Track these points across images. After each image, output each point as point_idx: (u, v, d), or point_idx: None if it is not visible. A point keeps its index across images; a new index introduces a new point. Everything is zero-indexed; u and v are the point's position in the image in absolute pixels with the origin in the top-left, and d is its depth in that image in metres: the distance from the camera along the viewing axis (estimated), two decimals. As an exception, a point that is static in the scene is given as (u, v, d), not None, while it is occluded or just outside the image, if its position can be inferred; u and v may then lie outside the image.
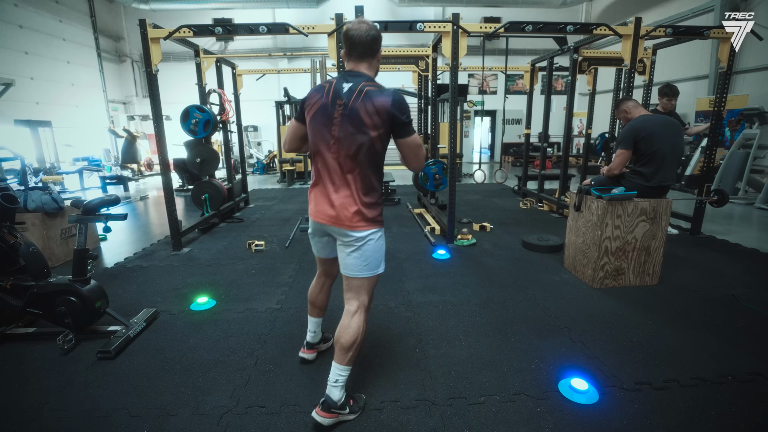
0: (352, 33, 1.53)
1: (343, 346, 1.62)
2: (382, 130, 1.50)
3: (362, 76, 1.54)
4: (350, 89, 1.49)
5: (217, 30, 3.71)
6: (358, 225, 1.58)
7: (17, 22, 9.27)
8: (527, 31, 3.74)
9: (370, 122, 1.47)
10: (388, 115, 1.47)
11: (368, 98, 1.47)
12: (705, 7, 8.24)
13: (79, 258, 2.28)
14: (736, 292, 2.86)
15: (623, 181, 3.03)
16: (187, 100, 5.05)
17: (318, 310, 2.01)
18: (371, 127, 1.48)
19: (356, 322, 1.64)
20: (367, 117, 1.47)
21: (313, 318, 2.03)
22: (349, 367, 1.65)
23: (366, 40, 1.53)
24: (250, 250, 4.04)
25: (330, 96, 1.52)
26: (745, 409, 1.71)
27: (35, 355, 2.18)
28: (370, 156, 1.53)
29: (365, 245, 1.62)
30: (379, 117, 1.47)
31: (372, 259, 1.65)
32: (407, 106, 1.54)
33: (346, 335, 1.62)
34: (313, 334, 2.06)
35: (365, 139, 1.49)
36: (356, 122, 1.48)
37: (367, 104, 1.46)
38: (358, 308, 1.66)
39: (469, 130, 13.07)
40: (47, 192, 3.59)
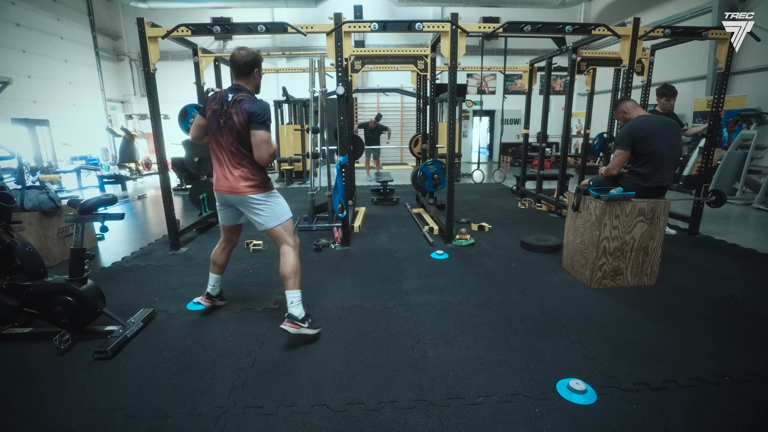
0: (234, 57, 2.15)
1: (286, 276, 2.24)
2: (244, 125, 2.11)
3: (241, 89, 2.16)
4: (232, 98, 2.12)
5: (216, 29, 3.70)
6: (250, 191, 2.20)
7: (14, 20, 9.23)
8: (526, 32, 3.74)
9: (238, 121, 2.10)
10: (247, 115, 2.09)
11: (238, 104, 2.10)
12: (703, 7, 8.26)
13: (76, 257, 2.27)
14: (734, 293, 2.87)
15: (621, 181, 3.03)
16: (186, 99, 5.03)
17: (218, 268, 2.58)
18: (239, 125, 2.11)
19: (290, 257, 2.26)
20: (236, 116, 2.10)
21: (214, 275, 2.60)
22: (298, 291, 2.25)
23: (241, 64, 2.15)
24: (248, 249, 4.03)
25: (220, 102, 2.16)
26: (742, 409, 1.71)
27: (31, 355, 2.17)
28: (242, 142, 2.15)
29: (262, 205, 2.23)
30: (243, 117, 2.10)
31: (276, 210, 2.26)
32: (266, 110, 2.12)
33: (286, 268, 2.25)
34: (213, 287, 2.62)
35: (238, 131, 2.12)
36: (231, 121, 2.11)
37: (237, 108, 2.10)
38: (288, 249, 2.28)
39: (467, 130, 13.07)
40: (44, 191, 3.57)
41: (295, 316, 2.21)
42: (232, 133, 2.13)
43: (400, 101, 13.06)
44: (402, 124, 13.28)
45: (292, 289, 2.24)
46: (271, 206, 2.25)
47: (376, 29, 3.64)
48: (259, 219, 2.26)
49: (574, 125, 11.97)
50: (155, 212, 6.06)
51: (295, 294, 2.25)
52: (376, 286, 3.10)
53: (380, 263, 3.61)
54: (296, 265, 2.26)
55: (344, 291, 2.99)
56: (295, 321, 2.19)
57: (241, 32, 3.69)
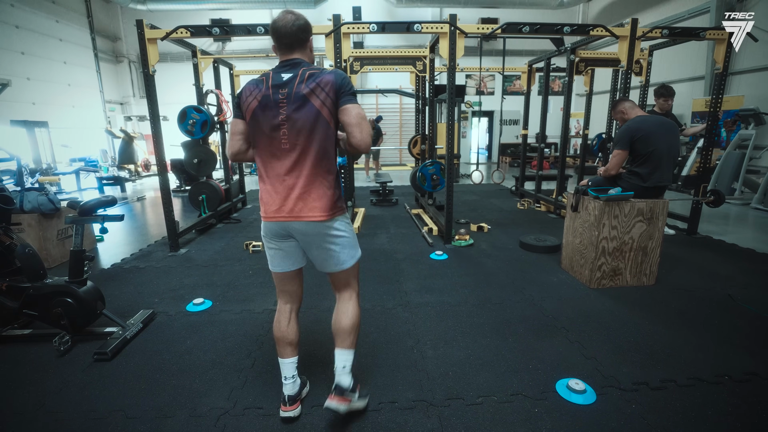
0: (278, 24, 1.49)
1: (344, 330, 1.62)
2: (330, 105, 1.44)
3: (301, 62, 1.50)
4: (291, 77, 1.45)
5: (215, 30, 3.70)
6: (328, 215, 1.50)
7: (14, 23, 9.23)
8: (524, 32, 3.75)
9: (317, 101, 1.43)
10: (334, 89, 1.44)
11: (311, 79, 1.43)
12: (701, 8, 8.29)
13: (75, 259, 2.27)
14: (733, 292, 2.88)
15: (620, 181, 3.04)
16: (185, 101, 5.04)
17: (292, 348, 1.68)
18: (319, 105, 1.43)
19: (353, 307, 1.66)
20: (314, 96, 1.42)
21: (288, 360, 1.68)
22: (354, 351, 1.65)
23: (294, 29, 1.48)
24: (247, 250, 4.03)
25: (270, 87, 1.45)
26: (741, 408, 1.72)
27: (31, 356, 2.17)
28: (324, 135, 1.47)
29: (339, 235, 1.55)
30: (326, 93, 1.43)
31: (352, 241, 1.62)
32: (349, 79, 1.50)
33: (346, 319, 1.62)
34: (292, 382, 1.67)
35: (321, 121, 1.45)
36: (304, 104, 1.43)
37: (311, 84, 1.42)
38: (351, 295, 1.68)
39: (466, 130, 13.09)
40: (43, 193, 3.57)
41: (344, 387, 1.58)
42: (308, 126, 1.44)
43: (399, 102, 13.08)
44: (401, 125, 13.30)
45: (349, 348, 1.63)
46: (349, 237, 1.60)
47: (374, 30, 3.65)
48: (328, 255, 1.57)
49: (572, 126, 11.98)
50: (154, 214, 6.05)
51: (351, 355, 1.63)
52: (376, 286, 3.10)
53: (379, 264, 3.61)
54: (359, 316, 1.66)
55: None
56: (344, 393, 1.57)
57: (240, 34, 3.70)
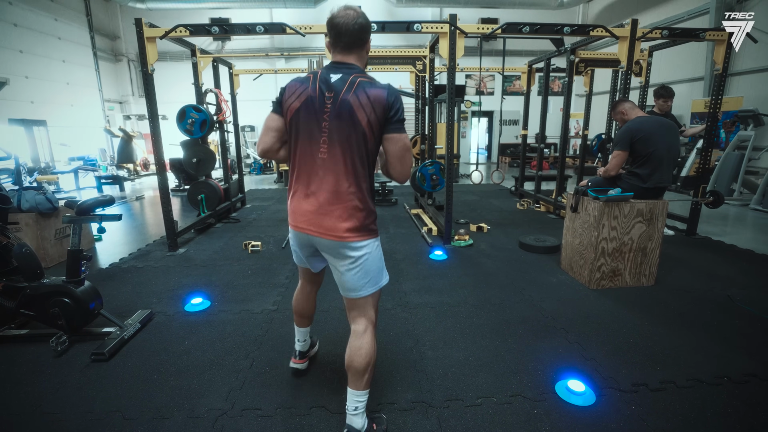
0: (338, 21, 1.37)
1: (357, 370, 1.46)
2: (375, 124, 1.34)
3: (353, 68, 1.40)
4: (341, 80, 1.35)
5: (214, 29, 3.69)
6: (354, 236, 1.40)
7: (12, 21, 9.20)
8: (524, 33, 3.74)
9: (363, 116, 1.32)
10: (383, 109, 1.33)
11: (361, 89, 1.33)
12: (700, 9, 8.30)
13: (72, 259, 2.26)
14: (732, 293, 2.88)
15: (620, 182, 3.03)
16: (184, 100, 5.03)
17: (306, 320, 1.89)
18: (364, 122, 1.33)
19: (367, 342, 1.48)
20: (361, 110, 1.32)
21: (302, 328, 1.91)
22: (367, 391, 1.50)
23: (354, 29, 1.37)
24: (246, 250, 4.02)
25: (317, 89, 1.35)
26: (740, 410, 1.72)
27: (28, 357, 2.16)
28: (363, 154, 1.37)
29: (362, 258, 1.43)
30: (374, 110, 1.32)
31: (374, 272, 1.48)
32: (401, 101, 1.39)
33: (358, 358, 1.46)
34: (303, 343, 1.94)
35: (358, 135, 1.34)
36: (349, 115, 1.33)
37: (361, 96, 1.32)
38: (366, 327, 1.50)
39: (466, 130, 13.09)
40: (41, 192, 3.55)
41: (357, 429, 1.49)
42: (348, 137, 1.35)
43: (399, 102, 13.06)
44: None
45: (361, 390, 1.48)
46: (375, 260, 1.48)
47: (374, 30, 3.64)
48: (350, 278, 1.46)
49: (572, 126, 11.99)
50: (153, 213, 6.04)
51: (364, 397, 1.50)
52: (375, 287, 3.09)
53: (379, 264, 3.60)
54: (374, 353, 1.50)
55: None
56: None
57: (240, 33, 3.69)
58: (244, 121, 11.13)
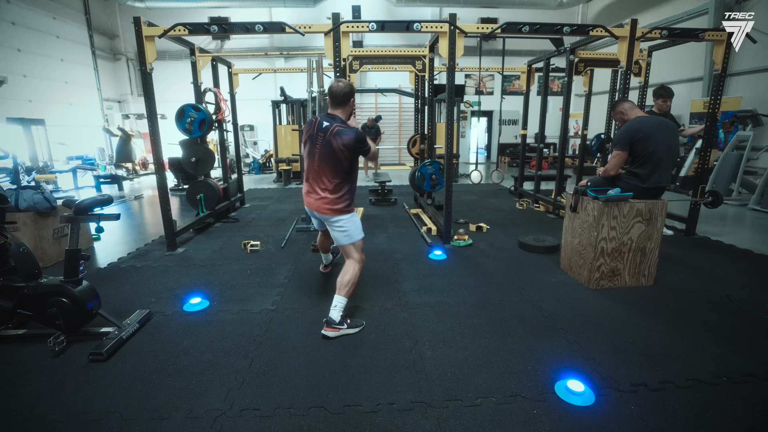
0: (332, 89, 2.35)
1: (342, 283, 2.39)
2: (348, 154, 2.30)
3: (336, 119, 2.33)
4: (327, 126, 2.30)
5: (213, 28, 3.68)
6: (331, 214, 2.39)
7: (10, 19, 9.17)
8: (524, 32, 3.74)
9: (338, 149, 2.27)
10: (352, 147, 2.28)
11: (338, 136, 2.26)
12: (699, 9, 8.30)
13: (70, 258, 2.25)
14: (731, 293, 2.88)
15: (619, 182, 3.03)
16: (183, 99, 5.01)
17: (326, 249, 3.12)
18: (339, 153, 2.28)
19: (351, 269, 2.42)
20: (337, 146, 2.27)
21: (324, 254, 3.21)
22: (346, 299, 2.39)
23: (339, 95, 2.34)
24: (245, 250, 4.01)
25: (315, 129, 2.34)
26: (739, 410, 1.72)
27: (25, 357, 2.15)
28: (339, 169, 2.33)
29: (342, 224, 2.42)
30: (346, 147, 2.27)
31: (350, 231, 2.43)
32: (364, 137, 2.31)
33: (345, 277, 2.40)
34: (328, 260, 3.26)
35: (336, 159, 2.30)
36: (330, 148, 2.28)
37: (337, 139, 2.26)
38: (351, 263, 2.45)
39: (465, 130, 13.09)
40: (39, 191, 3.54)
41: (334, 321, 2.34)
42: (328, 160, 2.30)
43: (399, 102, 13.07)
44: (400, 124, 13.29)
45: (342, 296, 2.38)
46: (350, 226, 2.41)
47: (374, 29, 3.64)
48: (336, 235, 2.46)
49: (571, 126, 12.00)
50: (152, 213, 6.03)
51: (342, 301, 2.37)
52: (374, 286, 3.09)
53: (378, 264, 3.60)
54: (355, 276, 2.41)
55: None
56: (333, 325, 2.33)
57: (239, 32, 3.68)
58: (243, 120, 11.11)
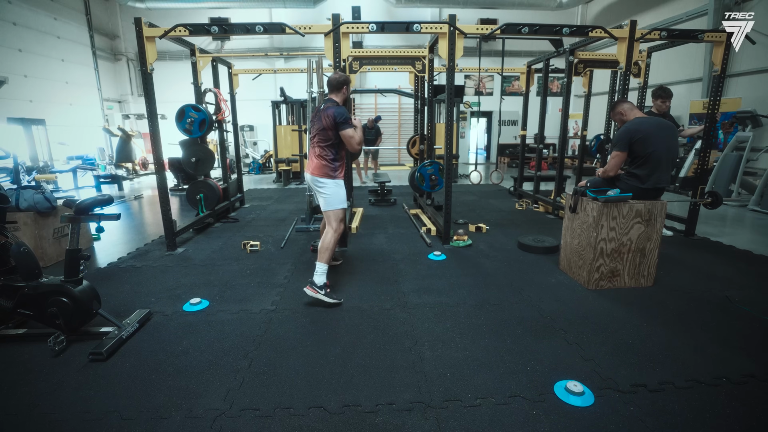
0: (330, 79, 2.92)
1: (320, 249, 2.79)
2: (331, 126, 2.77)
3: (331, 101, 2.88)
4: (323, 107, 2.83)
5: (213, 29, 3.68)
6: (317, 175, 2.84)
7: (11, 19, 9.18)
8: (523, 33, 3.75)
9: (326, 122, 2.77)
10: (332, 119, 2.75)
11: (326, 110, 2.78)
12: (699, 10, 8.31)
13: (71, 258, 2.25)
14: (730, 294, 2.88)
15: (618, 182, 3.03)
16: (183, 99, 5.02)
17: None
18: (326, 124, 2.78)
19: (329, 236, 2.82)
20: (324, 119, 2.78)
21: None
22: (325, 264, 2.75)
23: (334, 83, 2.90)
24: (245, 250, 4.02)
25: (317, 111, 2.91)
26: (739, 411, 1.72)
27: (26, 356, 2.15)
28: (327, 138, 2.81)
29: (325, 189, 2.84)
30: (328, 119, 2.76)
31: (331, 197, 2.85)
32: (344, 114, 2.76)
33: (322, 243, 2.81)
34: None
35: (324, 131, 2.81)
36: (321, 122, 2.81)
37: (325, 113, 2.77)
38: (328, 230, 2.85)
39: (465, 131, 13.09)
40: (40, 191, 3.55)
41: (315, 283, 2.71)
42: (320, 132, 2.81)
43: (398, 102, 13.07)
44: (399, 125, 13.29)
45: (321, 262, 2.74)
46: (332, 193, 2.83)
47: (374, 30, 3.64)
48: (320, 199, 2.89)
49: (571, 127, 12.01)
50: (152, 212, 6.03)
51: (321, 266, 2.73)
52: (374, 287, 3.09)
53: (378, 264, 3.60)
54: (331, 242, 2.79)
55: (341, 292, 2.98)
56: (314, 286, 2.70)
57: (239, 32, 3.68)
58: (243, 120, 11.12)
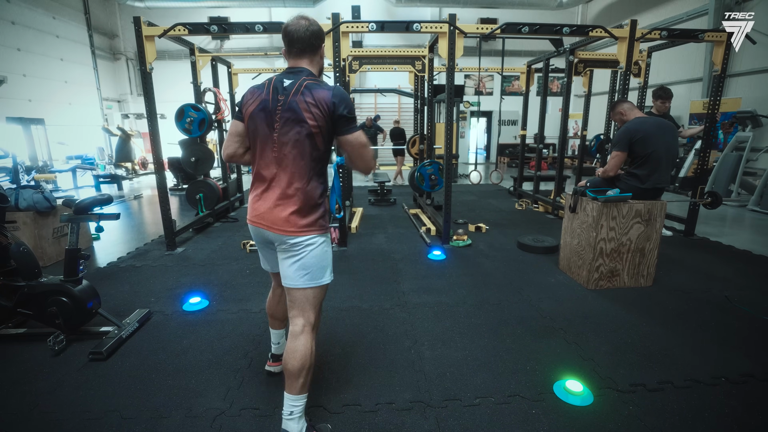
0: (291, 29, 1.46)
1: (291, 373, 1.44)
2: (322, 123, 1.40)
3: (303, 71, 1.48)
4: (290, 84, 1.43)
5: (213, 28, 3.68)
6: (292, 230, 1.43)
7: (10, 18, 9.17)
8: (523, 33, 3.75)
9: (309, 115, 1.38)
10: (328, 107, 1.39)
11: (308, 91, 1.40)
12: (699, 10, 8.32)
13: (70, 258, 2.25)
14: (729, 294, 2.88)
15: (618, 182, 3.04)
16: (182, 99, 5.01)
17: (279, 322, 1.88)
18: (311, 120, 1.39)
19: (302, 344, 1.46)
20: (307, 110, 1.38)
21: (276, 330, 1.91)
22: (304, 396, 1.47)
23: (304, 36, 1.46)
24: (244, 250, 4.02)
25: (270, 92, 1.43)
26: (738, 410, 1.72)
27: (25, 356, 2.15)
28: (310, 152, 1.43)
29: (303, 252, 1.46)
30: (318, 109, 1.39)
31: (313, 267, 1.48)
32: (350, 100, 1.46)
33: (292, 361, 1.44)
34: (278, 345, 1.94)
35: (305, 133, 1.40)
36: (296, 116, 1.39)
37: (307, 97, 1.39)
38: (303, 327, 1.48)
39: (465, 130, 13.09)
40: (39, 190, 3.54)
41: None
42: (294, 134, 1.41)
43: (398, 102, 13.07)
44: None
45: (296, 394, 1.46)
46: (316, 257, 1.49)
47: (374, 29, 3.64)
48: (288, 270, 1.49)
49: (571, 126, 12.01)
50: (151, 212, 6.03)
51: (300, 402, 1.48)
52: (373, 287, 3.09)
53: (377, 264, 3.60)
54: (310, 357, 1.47)
55: (341, 292, 2.98)
56: None
57: (239, 32, 3.68)
58: (243, 120, 11.09)
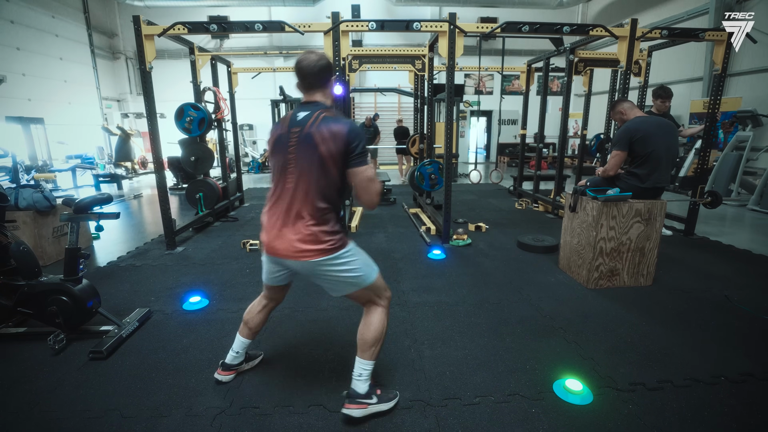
0: (302, 65, 1.54)
1: (366, 342, 1.65)
2: (337, 156, 1.47)
3: (318, 105, 1.56)
4: (305, 117, 1.51)
5: (213, 27, 3.68)
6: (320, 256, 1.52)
7: (8, 17, 9.15)
8: (524, 32, 3.74)
9: (324, 148, 1.46)
10: (343, 142, 1.46)
11: (324, 123, 1.47)
12: (700, 9, 8.31)
13: (70, 257, 2.25)
14: (729, 293, 2.89)
15: (618, 182, 3.04)
16: (182, 98, 5.01)
17: (250, 332, 1.88)
18: (325, 152, 1.46)
19: (377, 320, 1.67)
20: (322, 142, 1.46)
21: (243, 338, 1.90)
22: (372, 362, 1.68)
23: (315, 70, 1.54)
24: (244, 249, 4.02)
25: (286, 126, 1.54)
26: (737, 409, 1.72)
27: (26, 355, 2.15)
28: (326, 182, 1.50)
29: (350, 264, 1.58)
30: (334, 142, 1.46)
31: (360, 268, 1.62)
32: (363, 136, 1.54)
33: (368, 333, 1.65)
34: (236, 356, 1.91)
35: (319, 164, 1.47)
36: (310, 146, 1.47)
37: (323, 129, 1.46)
38: (372, 309, 1.70)
39: (464, 130, 13.09)
40: (39, 190, 3.54)
41: (359, 393, 1.66)
42: (310, 168, 1.48)
43: (398, 101, 13.06)
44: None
45: (368, 360, 1.66)
46: (354, 266, 1.60)
47: (373, 29, 3.64)
48: (336, 285, 1.63)
49: (571, 126, 12.00)
50: (151, 211, 6.03)
51: (369, 366, 1.67)
52: (374, 286, 3.09)
53: (377, 263, 3.57)
54: (384, 329, 1.68)
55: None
56: (356, 399, 1.65)
57: (239, 31, 3.68)
58: (243, 119, 11.10)
